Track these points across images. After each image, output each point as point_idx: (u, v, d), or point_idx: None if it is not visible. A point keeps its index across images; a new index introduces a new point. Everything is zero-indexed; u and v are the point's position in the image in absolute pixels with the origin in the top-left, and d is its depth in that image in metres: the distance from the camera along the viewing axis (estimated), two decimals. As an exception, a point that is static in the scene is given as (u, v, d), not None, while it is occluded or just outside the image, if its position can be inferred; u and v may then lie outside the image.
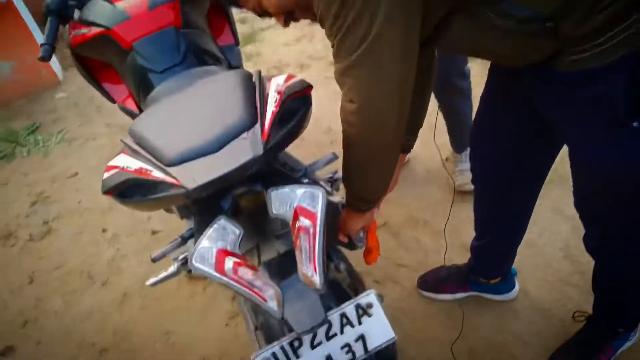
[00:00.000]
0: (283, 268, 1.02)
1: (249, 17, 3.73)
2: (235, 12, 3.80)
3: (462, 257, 1.65)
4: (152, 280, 1.23)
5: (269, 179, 1.02)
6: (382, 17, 0.77)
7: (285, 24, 1.09)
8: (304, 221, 0.85)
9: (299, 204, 0.88)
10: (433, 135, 1.61)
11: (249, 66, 3.15)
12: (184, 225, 1.35)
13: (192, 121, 1.00)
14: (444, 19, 0.87)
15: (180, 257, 1.24)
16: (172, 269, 1.22)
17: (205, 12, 1.66)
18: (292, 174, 1.19)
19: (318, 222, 0.85)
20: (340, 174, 1.41)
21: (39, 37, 3.33)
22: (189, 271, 1.22)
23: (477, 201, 1.47)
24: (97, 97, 3.14)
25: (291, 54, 3.18)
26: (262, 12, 1.08)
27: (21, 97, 3.35)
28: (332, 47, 0.87)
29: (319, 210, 0.86)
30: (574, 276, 1.63)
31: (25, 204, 2.47)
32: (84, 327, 1.81)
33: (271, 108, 0.96)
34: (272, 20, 3.24)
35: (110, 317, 1.82)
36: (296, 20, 1.07)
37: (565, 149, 1.09)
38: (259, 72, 1.10)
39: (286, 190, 0.90)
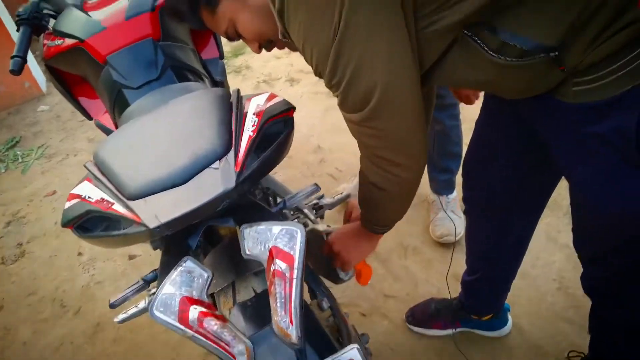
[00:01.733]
0: (260, 310, 0.92)
1: (239, 29, 3.66)
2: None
3: (453, 288, 1.56)
4: (121, 317, 1.13)
5: (242, 213, 0.92)
6: (385, 72, 0.73)
7: (259, 50, 1.01)
8: (280, 264, 0.75)
9: (275, 244, 0.77)
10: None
11: (238, 80, 3.06)
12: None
13: (159, 147, 0.90)
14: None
15: (152, 292, 1.14)
16: (142, 304, 1.12)
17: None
18: (270, 207, 1.09)
19: (296, 266, 0.75)
20: (326, 200, 1.32)
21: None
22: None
23: (470, 234, 1.38)
24: (79, 111, 3.07)
25: (281, 67, 3.10)
26: (235, 37, 1.00)
27: (2, 109, 3.26)
28: (335, 95, 0.80)
29: (297, 251, 0.75)
30: (569, 311, 1.54)
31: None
32: (54, 357, 1.71)
33: (248, 132, 0.87)
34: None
35: (82, 349, 1.72)
36: (271, 49, 0.99)
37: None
38: (238, 91, 1.01)
39: (261, 228, 0.79)
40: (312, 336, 0.89)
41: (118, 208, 0.84)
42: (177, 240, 0.94)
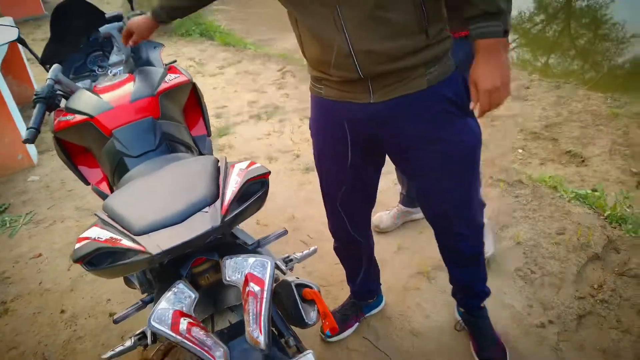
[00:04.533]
0: (234, 336, 1.10)
1: (224, 112, 3.99)
2: (211, 108, 4.07)
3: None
4: (108, 353, 1.29)
5: (224, 249, 1.13)
6: None
7: None
8: (253, 287, 0.96)
9: (250, 271, 0.99)
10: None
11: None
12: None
13: (160, 197, 1.13)
14: None
15: (137, 332, 1.31)
16: (128, 343, 1.29)
17: (182, 106, 1.85)
18: (246, 246, 1.30)
19: (266, 288, 0.97)
20: (295, 255, 1.52)
21: (20, 123, 3.48)
22: (145, 346, 1.30)
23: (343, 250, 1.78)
24: (68, 180, 3.27)
25: (261, 147, 3.38)
26: None
27: (-6, 178, 3.42)
28: None
29: (267, 277, 0.98)
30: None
31: (-16, 283, 2.46)
32: (31, 410, 1.78)
33: (231, 188, 1.11)
34: (245, 116, 3.51)
35: (60, 400, 1.80)
36: None
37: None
38: (225, 158, 1.26)
39: (239, 259, 1.02)
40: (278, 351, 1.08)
41: (125, 242, 1.05)
42: (170, 270, 1.14)
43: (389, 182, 2.67)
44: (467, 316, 1.76)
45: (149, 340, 1.27)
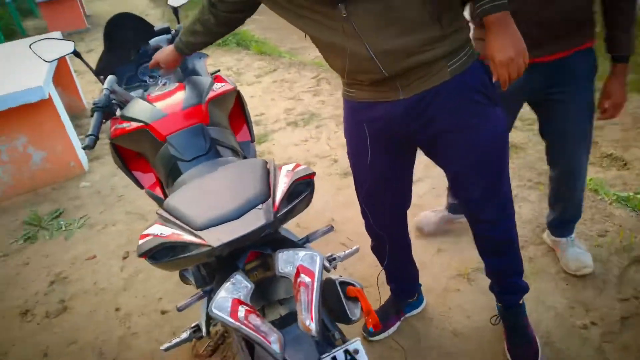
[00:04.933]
0: (284, 326, 1.18)
1: (262, 120, 4.10)
2: (252, 115, 4.19)
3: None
4: (166, 345, 1.39)
5: (276, 244, 1.22)
6: None
7: None
8: (304, 278, 1.04)
9: (301, 263, 1.07)
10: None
11: (260, 163, 3.43)
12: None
13: (217, 196, 1.23)
14: None
15: (192, 325, 1.41)
16: (184, 335, 1.39)
17: (228, 113, 1.95)
18: (294, 241, 1.39)
19: (316, 279, 1.04)
20: (339, 254, 1.60)
21: (71, 131, 3.67)
22: (200, 337, 1.39)
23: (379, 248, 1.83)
24: (118, 186, 3.43)
25: (299, 152, 3.47)
26: None
27: (48, 184, 3.62)
28: None
29: (316, 269, 1.06)
30: (556, 361, 1.74)
31: (44, 283, 2.62)
32: (92, 400, 1.90)
33: (281, 187, 1.19)
34: (282, 123, 3.61)
35: (118, 391, 1.92)
36: None
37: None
38: (273, 161, 1.35)
39: (290, 252, 1.11)
40: (326, 340, 1.15)
41: (187, 237, 1.14)
42: (228, 263, 1.23)
43: (428, 186, 2.71)
44: (503, 311, 1.79)
45: (203, 332, 1.37)
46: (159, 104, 1.76)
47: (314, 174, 1.30)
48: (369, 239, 1.84)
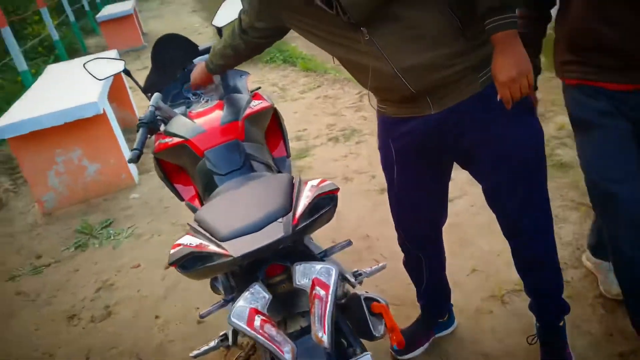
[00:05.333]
0: (301, 338, 1.21)
1: (304, 135, 4.18)
2: (292, 131, 4.27)
3: None
4: (195, 352, 1.45)
5: (296, 257, 1.25)
6: None
7: None
8: (319, 290, 1.08)
9: (317, 276, 1.11)
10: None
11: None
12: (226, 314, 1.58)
13: (242, 209, 1.29)
14: None
15: (220, 334, 1.46)
16: (212, 343, 1.45)
17: (264, 130, 2.01)
18: (314, 254, 1.42)
19: (330, 292, 1.08)
20: (365, 270, 1.62)
21: (123, 145, 3.87)
22: (227, 347, 1.44)
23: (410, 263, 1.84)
24: (165, 198, 3.57)
25: (338, 168, 3.51)
26: None
27: (100, 195, 3.82)
28: None
29: (332, 282, 1.10)
30: None
31: (91, 289, 2.77)
32: (128, 403, 1.99)
33: (303, 202, 1.24)
34: (324, 139, 3.67)
35: (153, 396, 2.00)
36: None
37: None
38: (299, 176, 1.40)
39: (307, 265, 1.14)
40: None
41: (212, 248, 1.20)
42: (249, 274, 1.27)
43: (466, 204, 2.68)
44: (542, 332, 1.75)
45: (230, 341, 1.42)
46: (199, 121, 1.84)
47: (337, 189, 1.34)
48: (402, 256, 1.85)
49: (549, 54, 1.63)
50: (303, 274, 1.14)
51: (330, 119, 4.43)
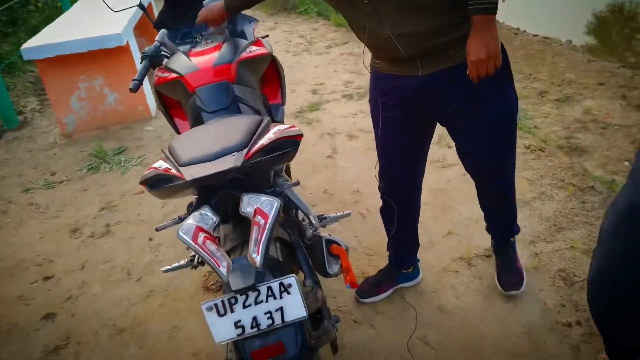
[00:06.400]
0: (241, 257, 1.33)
1: (320, 89, 4.23)
2: (310, 84, 4.31)
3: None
4: (166, 267, 1.61)
5: (249, 189, 1.35)
6: None
7: None
8: (259, 219, 1.19)
9: (259, 206, 1.21)
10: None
11: (307, 129, 3.58)
12: None
13: (206, 141, 1.40)
14: None
15: (191, 255, 1.61)
16: (182, 262, 1.60)
17: (259, 75, 2.09)
18: (268, 189, 1.50)
19: (269, 221, 1.18)
20: (330, 215, 1.71)
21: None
22: (195, 266, 1.59)
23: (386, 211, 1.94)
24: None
25: (346, 124, 3.58)
26: None
27: (117, 124, 3.99)
28: None
29: (272, 213, 1.20)
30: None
31: (95, 208, 2.96)
32: (112, 310, 2.18)
33: (262, 141, 1.33)
34: (338, 95, 3.73)
35: (135, 307, 2.18)
36: None
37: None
38: (268, 119, 1.48)
39: (253, 196, 1.25)
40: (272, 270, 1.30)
41: (173, 171, 1.32)
42: (204, 199, 1.39)
43: (457, 172, 2.73)
44: (496, 246, 2.03)
45: (195, 261, 1.57)
46: (195, 59, 1.93)
47: (301, 135, 1.42)
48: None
49: (601, 37, 1.70)
50: (248, 203, 1.24)
51: (349, 76, 4.45)
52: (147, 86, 4.02)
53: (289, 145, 1.38)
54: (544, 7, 6.49)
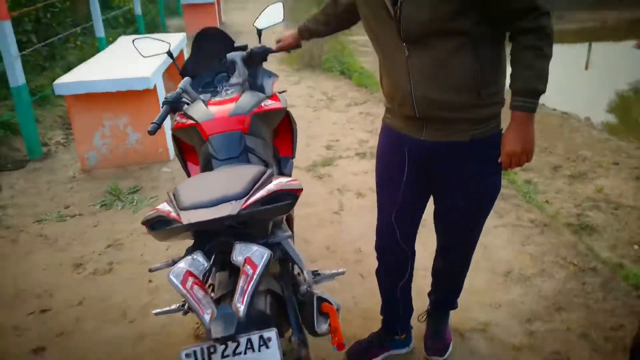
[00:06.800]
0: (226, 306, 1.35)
1: (335, 146, 4.32)
2: (325, 140, 4.39)
3: None
4: (157, 310, 1.64)
5: (240, 237, 1.38)
6: None
7: None
8: (248, 269, 1.22)
9: (249, 256, 1.24)
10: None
11: (318, 183, 3.64)
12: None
13: (208, 188, 1.46)
14: None
15: (182, 301, 1.63)
16: (173, 306, 1.63)
17: (272, 129, 2.16)
18: (262, 240, 1.52)
19: (257, 272, 1.21)
20: (324, 272, 1.73)
21: (166, 121, 4.12)
22: (185, 312, 1.61)
23: (381, 273, 1.99)
24: (190, 177, 3.80)
25: (356, 182, 3.63)
26: None
27: (136, 163, 4.10)
28: None
29: (261, 264, 1.23)
30: None
31: (103, 245, 3.01)
32: (102, 349, 2.19)
33: (261, 192, 1.37)
34: (352, 152, 3.79)
35: (125, 349, 2.19)
36: None
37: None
38: (272, 171, 1.54)
39: (245, 245, 1.28)
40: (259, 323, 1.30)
41: (173, 214, 1.36)
42: (198, 244, 1.42)
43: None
44: (432, 312, 2.08)
45: (186, 307, 1.59)
46: (213, 108, 2.02)
47: (301, 189, 1.46)
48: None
49: (620, 116, 1.77)
50: (239, 252, 1.28)
51: (364, 135, 4.54)
52: (168, 129, 4.15)
53: (288, 198, 1.42)
54: (564, 83, 6.60)
